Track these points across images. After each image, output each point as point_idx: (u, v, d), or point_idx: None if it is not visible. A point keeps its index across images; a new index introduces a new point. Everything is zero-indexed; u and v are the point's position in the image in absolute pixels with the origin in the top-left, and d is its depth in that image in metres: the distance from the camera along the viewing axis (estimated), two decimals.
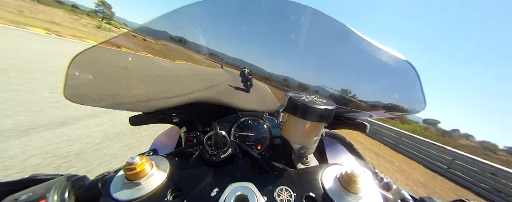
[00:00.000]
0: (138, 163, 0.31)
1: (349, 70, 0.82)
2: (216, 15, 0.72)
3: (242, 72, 0.86)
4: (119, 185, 0.31)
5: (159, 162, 0.36)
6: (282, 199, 0.31)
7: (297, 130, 0.47)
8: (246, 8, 0.73)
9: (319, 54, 0.84)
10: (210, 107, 0.96)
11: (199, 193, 0.31)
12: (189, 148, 0.62)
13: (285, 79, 0.91)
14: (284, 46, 0.83)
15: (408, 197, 0.40)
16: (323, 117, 0.41)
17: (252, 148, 0.88)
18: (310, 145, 0.51)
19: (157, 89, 0.82)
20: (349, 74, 0.83)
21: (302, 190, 0.33)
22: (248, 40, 0.79)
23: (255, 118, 0.94)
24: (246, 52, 0.82)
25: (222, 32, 0.78)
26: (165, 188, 0.31)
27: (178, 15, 0.61)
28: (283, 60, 0.85)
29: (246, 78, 0.87)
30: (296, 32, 0.77)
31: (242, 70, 0.86)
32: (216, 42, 0.78)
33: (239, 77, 0.87)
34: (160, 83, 0.83)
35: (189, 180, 0.33)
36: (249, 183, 0.33)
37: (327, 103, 0.43)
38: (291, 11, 0.70)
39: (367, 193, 0.33)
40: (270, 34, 0.78)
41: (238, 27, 0.76)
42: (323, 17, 0.65)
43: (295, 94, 0.47)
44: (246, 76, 0.87)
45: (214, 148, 0.43)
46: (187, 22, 0.68)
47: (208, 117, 1.02)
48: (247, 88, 0.90)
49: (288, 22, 0.74)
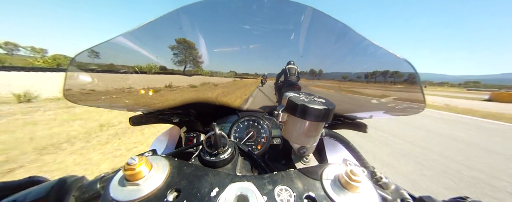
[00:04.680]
0: (137, 163, 0.31)
1: (349, 70, 0.82)
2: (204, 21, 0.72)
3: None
4: (118, 186, 0.31)
5: (158, 163, 0.36)
6: (282, 199, 0.31)
7: (296, 130, 0.47)
8: (235, 12, 0.73)
9: (319, 54, 0.84)
10: (210, 107, 0.96)
11: (199, 193, 0.31)
12: (188, 148, 0.62)
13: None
14: (284, 47, 0.83)
15: (407, 196, 0.40)
16: (323, 117, 0.41)
17: (252, 148, 0.88)
18: (309, 144, 0.51)
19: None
20: (349, 74, 0.83)
21: (302, 190, 0.33)
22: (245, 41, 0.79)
23: (255, 118, 0.94)
24: (243, 55, 0.83)
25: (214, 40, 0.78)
26: (164, 189, 0.31)
27: (170, 19, 0.61)
28: (283, 61, 0.85)
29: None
30: (295, 32, 0.77)
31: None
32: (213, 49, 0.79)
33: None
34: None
35: (188, 180, 0.33)
36: (249, 183, 0.33)
37: (327, 103, 0.43)
38: (288, 10, 0.70)
39: (367, 193, 0.33)
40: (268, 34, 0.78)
41: (231, 33, 0.76)
42: (322, 17, 0.65)
43: (294, 94, 0.47)
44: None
45: (213, 148, 0.43)
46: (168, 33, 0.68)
47: (208, 117, 1.02)
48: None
49: (285, 21, 0.74)
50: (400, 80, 0.68)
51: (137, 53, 0.64)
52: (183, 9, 0.61)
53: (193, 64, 0.79)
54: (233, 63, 0.86)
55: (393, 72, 0.68)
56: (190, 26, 0.69)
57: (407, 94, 0.68)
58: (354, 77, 0.80)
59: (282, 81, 0.95)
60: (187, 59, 0.76)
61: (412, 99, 0.67)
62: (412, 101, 0.67)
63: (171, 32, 0.68)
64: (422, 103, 0.63)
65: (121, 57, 0.64)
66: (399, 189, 0.42)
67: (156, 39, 0.68)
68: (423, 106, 0.64)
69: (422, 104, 0.64)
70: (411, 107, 0.68)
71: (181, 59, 0.75)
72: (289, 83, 0.94)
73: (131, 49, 0.61)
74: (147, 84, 0.73)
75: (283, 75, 0.93)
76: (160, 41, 0.69)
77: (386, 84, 0.72)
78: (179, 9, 0.60)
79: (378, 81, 0.74)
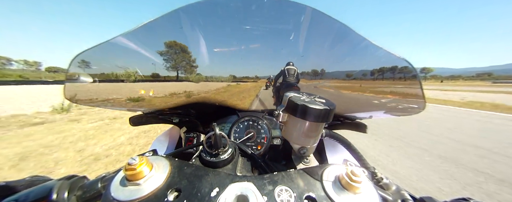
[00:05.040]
0: (138, 163, 0.31)
1: (349, 69, 0.82)
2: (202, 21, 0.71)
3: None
4: (119, 186, 0.31)
5: (159, 163, 0.36)
6: (282, 199, 0.31)
7: (297, 130, 0.47)
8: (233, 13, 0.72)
9: (319, 54, 0.84)
10: (210, 107, 0.96)
11: (199, 193, 0.31)
12: (189, 148, 0.62)
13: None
14: (284, 47, 0.83)
15: (408, 196, 0.40)
16: (323, 117, 0.41)
17: (252, 148, 0.88)
18: (310, 145, 0.51)
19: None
20: (353, 72, 0.82)
21: (302, 190, 0.33)
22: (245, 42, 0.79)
23: (255, 118, 0.94)
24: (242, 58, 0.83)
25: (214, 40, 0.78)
26: (165, 189, 0.32)
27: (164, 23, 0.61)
28: (283, 62, 0.85)
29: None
30: (295, 32, 0.77)
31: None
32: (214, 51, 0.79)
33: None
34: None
35: (189, 180, 0.33)
36: (249, 183, 0.33)
37: (327, 103, 0.43)
38: (287, 10, 0.70)
39: (367, 193, 0.33)
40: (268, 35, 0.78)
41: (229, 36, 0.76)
42: (322, 17, 0.65)
43: (294, 95, 0.47)
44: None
45: (214, 149, 0.43)
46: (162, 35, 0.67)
47: (208, 117, 1.02)
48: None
49: (285, 21, 0.74)
50: (399, 76, 0.67)
51: (137, 54, 0.64)
52: (182, 9, 0.61)
53: (184, 70, 0.77)
54: (232, 64, 0.85)
55: (395, 71, 0.67)
56: (189, 26, 0.69)
57: (407, 94, 0.68)
58: (359, 75, 0.79)
59: (280, 82, 0.94)
60: (177, 65, 0.74)
61: (411, 99, 0.67)
62: (412, 100, 0.67)
63: (171, 32, 0.68)
64: (421, 103, 0.63)
65: (120, 57, 0.64)
66: (400, 189, 0.42)
67: (156, 40, 0.68)
68: (423, 106, 0.64)
69: (421, 104, 0.63)
70: (412, 107, 0.68)
71: (172, 64, 0.73)
72: (288, 84, 0.93)
73: (131, 50, 0.61)
74: (130, 94, 0.73)
75: (281, 77, 0.91)
76: (159, 41, 0.69)
77: (389, 84, 0.71)
78: (178, 9, 0.60)
79: (377, 79, 0.73)
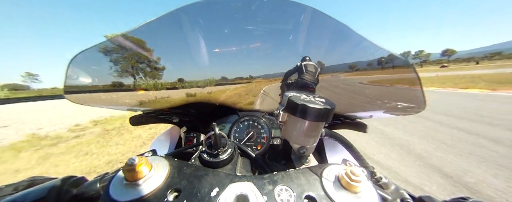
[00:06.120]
0: (137, 163, 0.31)
1: (349, 70, 0.82)
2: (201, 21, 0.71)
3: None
4: (118, 186, 0.31)
5: (158, 163, 0.36)
6: (282, 199, 0.31)
7: (296, 130, 0.47)
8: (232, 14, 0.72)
9: (319, 54, 0.84)
10: (210, 107, 0.96)
11: (199, 193, 0.31)
12: (188, 148, 0.62)
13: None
14: (283, 47, 0.83)
15: (407, 196, 0.40)
16: (323, 117, 0.41)
17: (252, 148, 0.88)
18: (309, 145, 0.51)
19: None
20: (358, 63, 0.80)
21: (301, 190, 0.33)
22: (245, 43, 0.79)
23: (255, 118, 0.94)
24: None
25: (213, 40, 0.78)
26: (164, 189, 0.31)
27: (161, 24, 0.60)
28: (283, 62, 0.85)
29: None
30: (295, 32, 0.77)
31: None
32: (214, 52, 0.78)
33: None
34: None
35: (189, 180, 0.33)
36: (249, 183, 0.33)
37: (327, 103, 0.43)
38: (287, 10, 0.70)
39: (366, 193, 0.33)
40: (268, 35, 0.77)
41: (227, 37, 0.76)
42: (321, 16, 0.65)
43: (294, 94, 0.47)
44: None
45: (213, 149, 0.43)
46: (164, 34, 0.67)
47: (208, 117, 1.01)
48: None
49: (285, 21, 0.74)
50: (400, 74, 0.67)
51: (136, 54, 0.63)
52: (182, 9, 0.61)
53: (143, 74, 0.67)
54: (233, 64, 0.85)
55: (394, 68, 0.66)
56: (189, 26, 0.69)
57: (407, 94, 0.68)
58: (364, 66, 0.73)
59: (293, 80, 0.82)
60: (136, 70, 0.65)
61: (412, 99, 0.67)
62: (412, 100, 0.67)
63: (170, 32, 0.68)
64: (421, 103, 0.63)
65: (120, 57, 0.64)
66: (399, 189, 0.42)
67: (156, 40, 0.67)
68: (423, 106, 0.64)
69: (421, 104, 0.63)
70: (411, 107, 0.68)
71: (121, 66, 0.62)
72: (303, 83, 0.78)
73: (130, 50, 0.61)
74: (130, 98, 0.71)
75: (297, 73, 0.77)
76: (159, 41, 0.69)
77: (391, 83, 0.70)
78: (179, 9, 0.60)
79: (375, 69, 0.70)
